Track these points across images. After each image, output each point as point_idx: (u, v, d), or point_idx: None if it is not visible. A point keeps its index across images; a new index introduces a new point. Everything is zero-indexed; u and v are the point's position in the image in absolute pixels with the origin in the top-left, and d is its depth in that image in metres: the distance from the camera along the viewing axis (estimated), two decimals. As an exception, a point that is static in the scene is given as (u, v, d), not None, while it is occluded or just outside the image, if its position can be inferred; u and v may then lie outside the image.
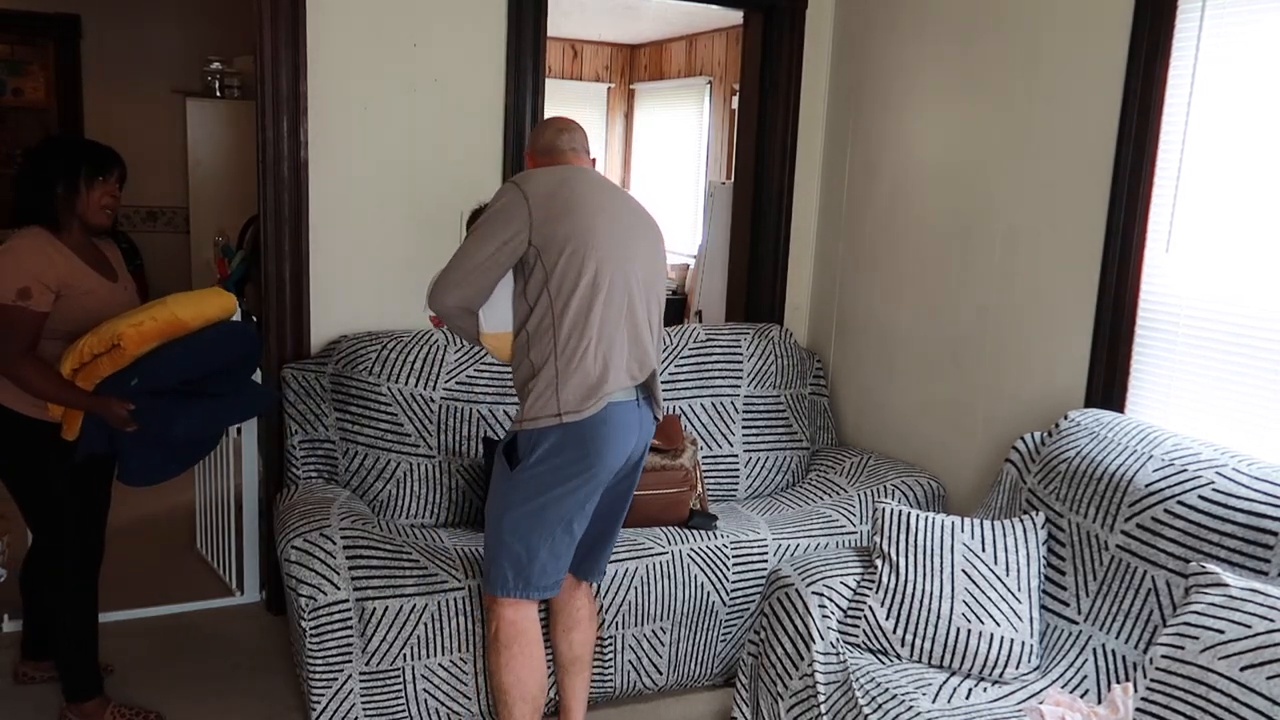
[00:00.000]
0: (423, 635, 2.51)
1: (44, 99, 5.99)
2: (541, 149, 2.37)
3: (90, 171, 2.41)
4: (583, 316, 2.14)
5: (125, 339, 2.32)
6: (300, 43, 2.99)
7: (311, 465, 2.97)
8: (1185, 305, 2.52)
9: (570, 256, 2.14)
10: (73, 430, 2.39)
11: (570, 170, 2.28)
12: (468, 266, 2.17)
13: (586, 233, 2.15)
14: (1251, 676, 1.69)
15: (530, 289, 2.17)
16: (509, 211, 2.16)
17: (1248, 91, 2.35)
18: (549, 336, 2.14)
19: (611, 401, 2.16)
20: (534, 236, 2.14)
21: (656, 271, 2.34)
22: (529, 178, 2.21)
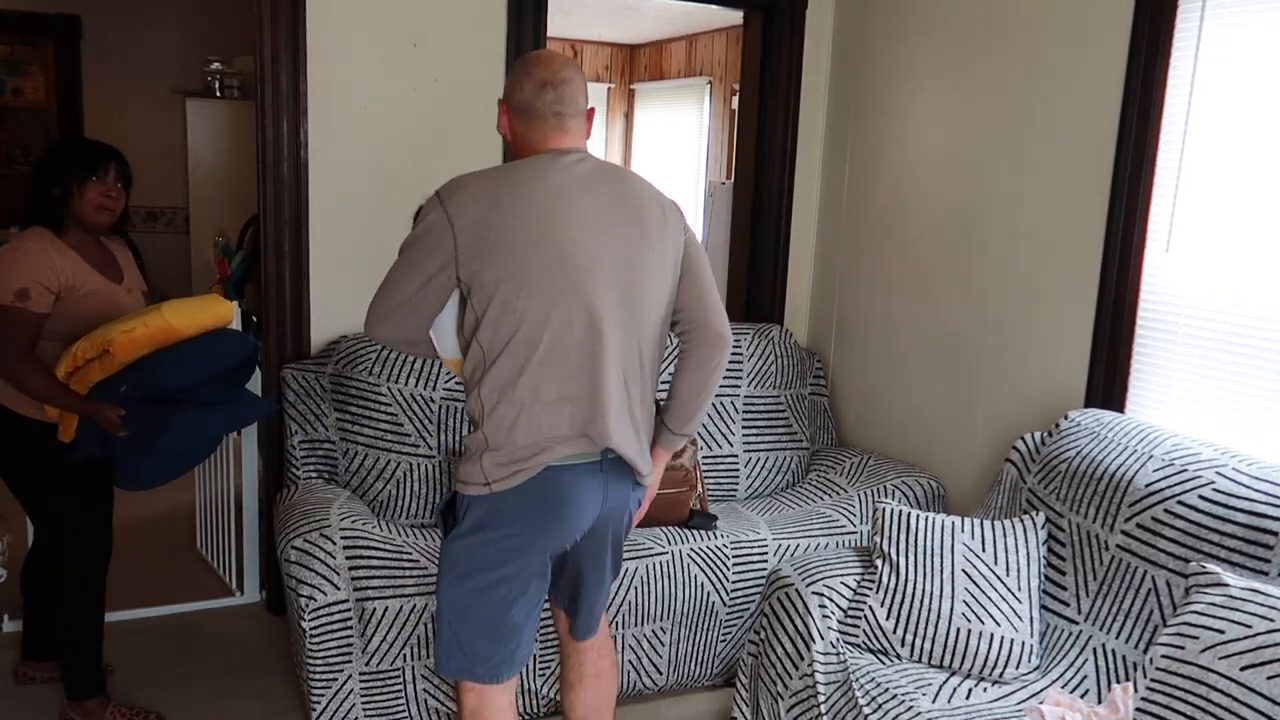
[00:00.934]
0: (423, 635, 2.51)
1: (44, 99, 6.00)
2: (518, 106, 1.90)
3: (84, 171, 2.40)
4: (511, 380, 1.77)
5: (115, 345, 2.31)
6: (300, 43, 2.99)
7: (311, 465, 2.97)
8: (1185, 305, 2.52)
9: (502, 304, 1.76)
10: (69, 432, 2.39)
11: (523, 169, 1.84)
12: (395, 299, 1.83)
13: (525, 270, 1.76)
14: (1251, 676, 1.69)
15: (465, 326, 1.84)
16: (431, 239, 1.78)
17: (1247, 91, 2.35)
18: (477, 389, 1.81)
19: (552, 465, 1.80)
20: (461, 271, 1.77)
21: (652, 295, 1.89)
22: (459, 189, 1.81)
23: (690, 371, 1.96)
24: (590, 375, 1.81)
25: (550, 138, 1.88)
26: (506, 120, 1.93)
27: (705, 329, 1.95)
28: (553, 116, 1.87)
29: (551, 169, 1.83)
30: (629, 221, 1.86)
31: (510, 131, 1.93)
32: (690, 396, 1.97)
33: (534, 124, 1.88)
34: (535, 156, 1.86)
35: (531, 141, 1.89)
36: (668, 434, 2.01)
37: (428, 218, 1.80)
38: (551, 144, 1.88)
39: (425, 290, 1.81)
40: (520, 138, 1.91)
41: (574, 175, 1.84)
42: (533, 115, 1.88)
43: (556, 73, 1.87)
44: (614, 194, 1.86)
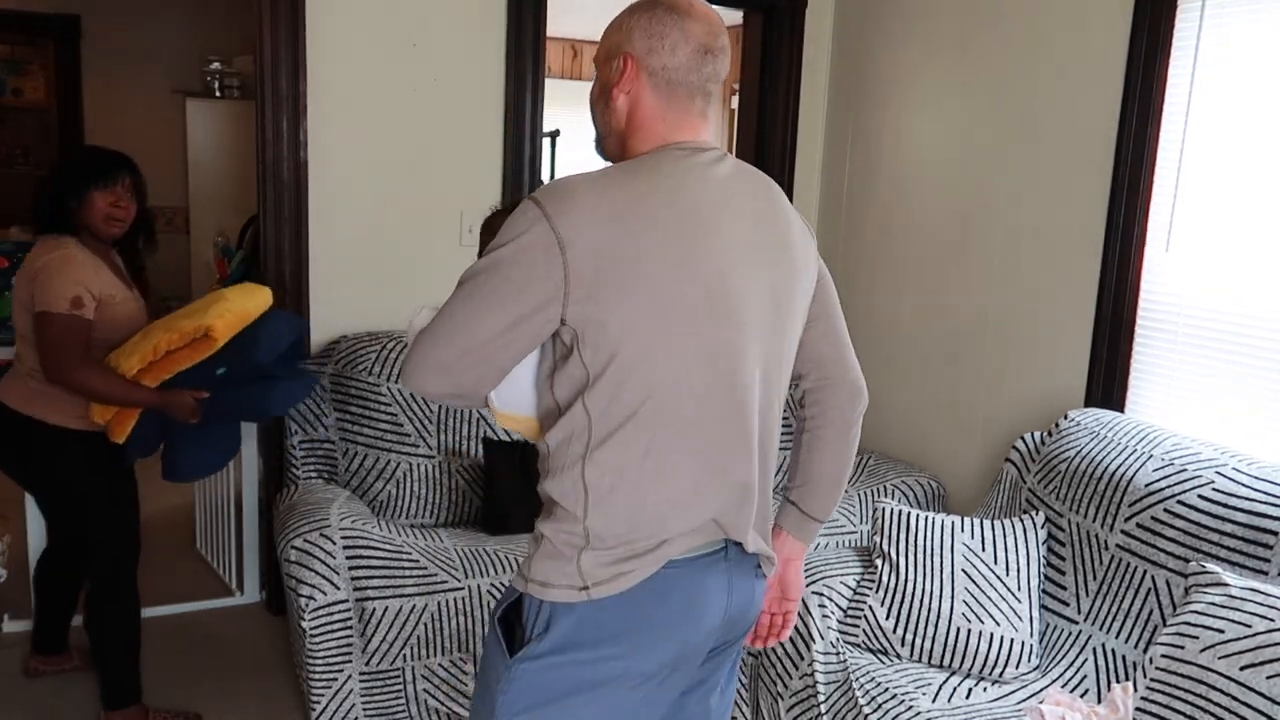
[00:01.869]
0: (423, 635, 2.51)
1: (44, 99, 6.00)
2: (662, 74, 1.38)
3: (94, 180, 2.40)
4: (636, 460, 1.33)
5: (215, 330, 2.38)
6: (300, 43, 2.99)
7: (311, 465, 2.97)
8: (1185, 305, 2.52)
9: (630, 362, 1.30)
10: (123, 432, 2.39)
11: (653, 174, 1.34)
12: (462, 343, 1.30)
13: (666, 317, 1.30)
14: (1251, 676, 1.69)
15: (560, 383, 1.35)
16: (529, 266, 1.27)
17: (1248, 91, 2.35)
18: (578, 468, 1.34)
19: (675, 561, 1.37)
20: (570, 313, 1.28)
21: (793, 346, 1.50)
22: (572, 198, 1.28)
23: (833, 439, 1.57)
24: (732, 452, 1.39)
25: (689, 125, 1.41)
26: (630, 87, 1.39)
27: (844, 383, 1.57)
28: (701, 97, 1.41)
29: (690, 174, 1.35)
30: (777, 249, 1.42)
31: (631, 106, 1.40)
32: (838, 473, 1.59)
33: (677, 103, 1.39)
34: (661, 154, 1.37)
35: (661, 126, 1.40)
36: (810, 523, 1.60)
37: (523, 236, 1.27)
38: (686, 133, 1.40)
39: (511, 334, 1.29)
40: (645, 118, 1.40)
41: (716, 183, 1.37)
42: (680, 90, 1.39)
43: (717, 36, 1.40)
44: (759, 211, 1.42)
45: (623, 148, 1.43)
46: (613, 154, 1.45)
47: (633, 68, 1.38)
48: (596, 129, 1.47)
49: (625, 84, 1.39)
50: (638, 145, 1.40)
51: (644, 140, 1.40)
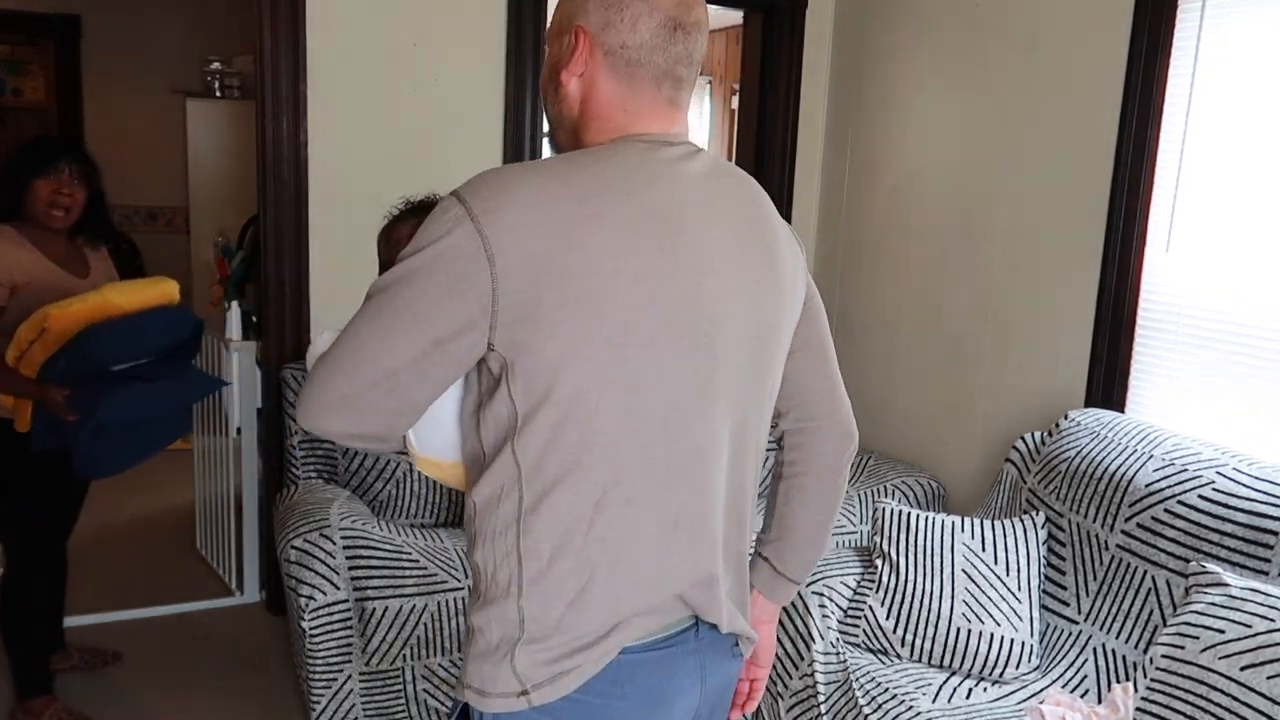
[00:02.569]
0: (423, 635, 2.51)
1: (44, 99, 5.99)
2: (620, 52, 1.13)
3: (33, 169, 2.40)
4: (580, 526, 1.07)
5: (50, 320, 2.29)
6: (300, 43, 2.99)
7: (311, 465, 2.97)
8: (1185, 305, 2.52)
9: (570, 401, 1.04)
10: (24, 421, 2.38)
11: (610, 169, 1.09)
12: (369, 374, 1.05)
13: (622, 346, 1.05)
14: (1251, 676, 1.69)
15: (486, 423, 1.09)
16: (451, 276, 1.02)
17: (1248, 91, 2.35)
18: (511, 533, 1.08)
19: (630, 649, 1.11)
20: (499, 337, 1.04)
21: (776, 379, 1.24)
22: (503, 195, 1.03)
23: (817, 490, 1.33)
24: (699, 513, 1.14)
25: (656, 114, 1.15)
26: (582, 68, 1.14)
27: (832, 425, 1.33)
28: (670, 82, 1.14)
29: (655, 169, 1.10)
30: (762, 264, 1.17)
31: (585, 91, 1.15)
32: (820, 528, 1.35)
33: (640, 89, 1.13)
34: (620, 144, 1.12)
35: (621, 116, 1.14)
36: (784, 584, 1.37)
37: (442, 240, 1.02)
38: (653, 124, 1.14)
39: (427, 361, 1.04)
40: (601, 105, 1.14)
41: (687, 182, 1.12)
42: (643, 73, 1.13)
43: (691, 8, 1.15)
44: (740, 216, 1.17)
45: (576, 141, 1.18)
46: (566, 148, 1.20)
47: (585, 44, 1.13)
48: (548, 118, 1.22)
49: (576, 64, 1.14)
50: (594, 138, 1.15)
51: (600, 132, 1.15)
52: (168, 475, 4.13)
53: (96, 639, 2.98)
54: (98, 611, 3.16)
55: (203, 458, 3.61)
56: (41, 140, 2.53)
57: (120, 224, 5.80)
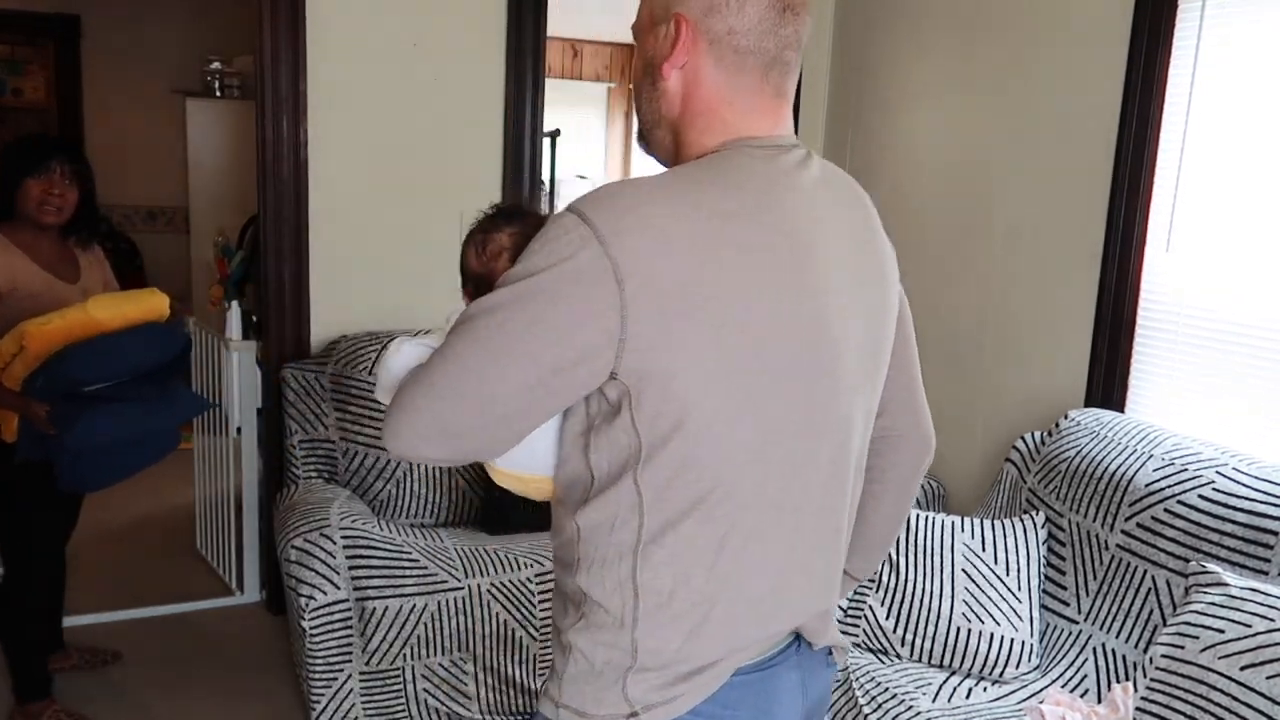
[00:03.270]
0: (423, 635, 2.51)
1: (44, 99, 6.00)
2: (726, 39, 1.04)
3: (25, 169, 2.38)
4: (706, 559, 1.03)
5: (28, 337, 2.27)
6: (300, 43, 2.99)
7: (311, 465, 2.97)
8: (1185, 305, 2.52)
9: (701, 434, 0.99)
10: (10, 431, 2.37)
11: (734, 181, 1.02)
12: (477, 402, 0.98)
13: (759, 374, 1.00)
14: (1251, 676, 1.69)
15: (599, 448, 1.03)
16: (576, 300, 0.95)
17: (1248, 91, 2.35)
18: (627, 564, 1.03)
19: (743, 669, 1.09)
20: (623, 365, 0.97)
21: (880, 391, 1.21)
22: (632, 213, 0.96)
23: (893, 500, 1.32)
24: (822, 543, 1.13)
25: (764, 109, 1.07)
26: (685, 59, 1.06)
27: (914, 436, 1.31)
28: (779, 69, 1.06)
29: (777, 182, 1.04)
30: (875, 281, 1.14)
31: (687, 85, 1.07)
32: (890, 533, 1.35)
33: (747, 80, 1.05)
34: (735, 154, 1.04)
35: (728, 112, 1.06)
36: (849, 581, 1.36)
37: (566, 262, 0.95)
38: (762, 121, 1.07)
39: (542, 390, 0.98)
40: (707, 100, 1.06)
41: (807, 195, 1.06)
42: (751, 61, 1.05)
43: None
44: (854, 229, 1.12)
45: (678, 141, 1.10)
46: (663, 150, 1.14)
47: (688, 33, 1.04)
48: (641, 118, 1.14)
49: (679, 55, 1.05)
50: (698, 138, 1.07)
51: (706, 131, 1.07)
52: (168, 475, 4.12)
53: (96, 639, 2.98)
54: (98, 611, 3.16)
55: (203, 458, 3.61)
56: (32, 139, 2.51)
57: (120, 224, 5.82)
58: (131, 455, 2.54)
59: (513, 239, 1.14)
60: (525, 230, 1.13)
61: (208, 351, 3.47)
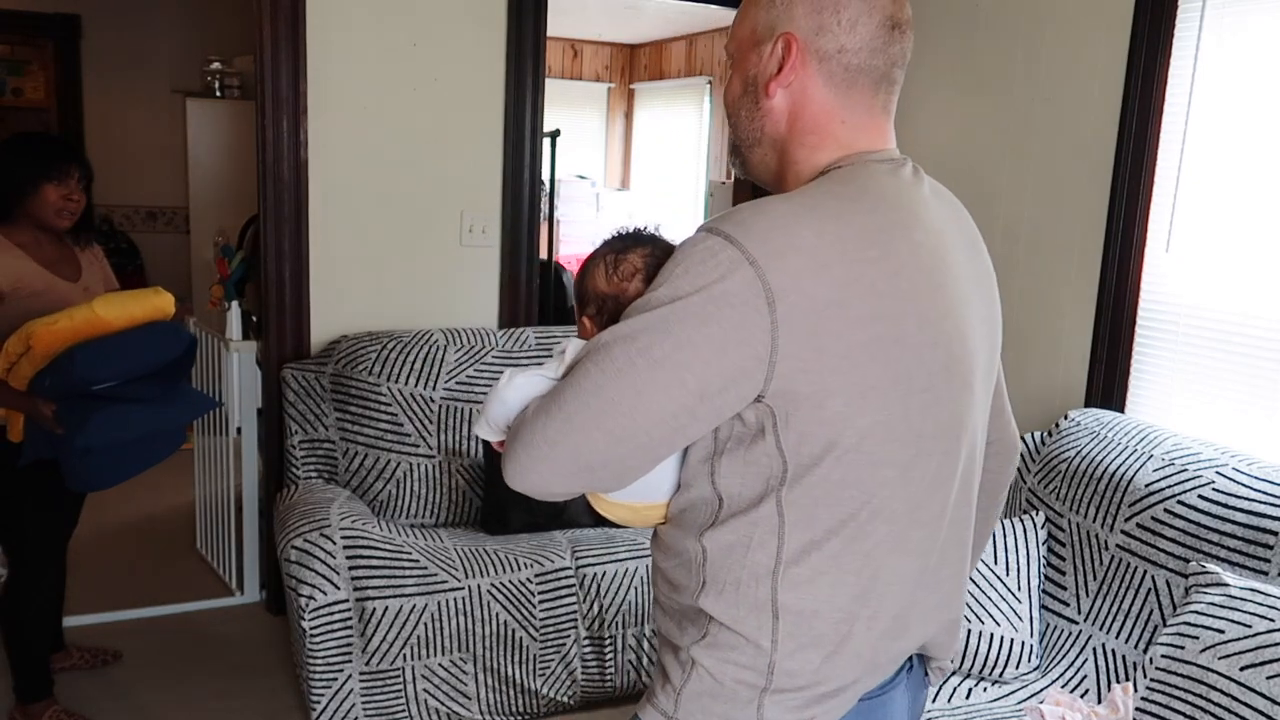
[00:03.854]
0: (423, 635, 2.51)
1: (44, 99, 6.00)
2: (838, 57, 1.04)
3: (45, 173, 2.38)
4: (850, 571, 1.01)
5: (35, 337, 2.27)
6: (300, 43, 2.99)
7: (311, 465, 2.97)
8: (1185, 305, 2.52)
9: (851, 452, 0.97)
10: (16, 431, 2.37)
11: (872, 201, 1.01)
12: (617, 433, 0.95)
13: (906, 394, 0.99)
14: (1251, 676, 1.69)
15: (732, 471, 1.01)
16: (727, 324, 0.92)
17: (1248, 91, 2.36)
18: (766, 586, 1.00)
19: (868, 695, 1.08)
20: (772, 388, 0.95)
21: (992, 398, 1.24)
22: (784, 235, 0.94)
23: (985, 500, 1.29)
24: (954, 557, 1.13)
25: (874, 126, 1.08)
26: (793, 78, 1.05)
27: (1002, 444, 1.31)
28: (886, 86, 1.07)
29: (912, 200, 1.04)
30: (987, 292, 1.15)
31: (795, 104, 1.06)
32: (980, 538, 1.33)
33: (858, 94, 1.05)
34: (870, 172, 1.04)
35: (841, 130, 1.06)
36: None
37: (716, 285, 0.92)
38: (873, 137, 1.07)
39: (688, 417, 0.95)
40: (817, 119, 1.06)
41: (933, 211, 1.06)
42: (862, 80, 1.05)
43: (904, 5, 1.08)
44: (966, 241, 1.12)
45: (783, 160, 1.09)
46: (764, 169, 1.11)
47: (798, 52, 1.03)
48: (738, 137, 1.11)
49: (787, 75, 1.04)
50: (809, 156, 1.06)
51: (818, 148, 1.06)
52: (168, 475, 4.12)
53: (96, 639, 2.98)
54: (98, 611, 3.16)
55: (203, 458, 3.61)
56: (43, 141, 2.49)
57: (120, 224, 5.82)
58: (138, 454, 2.54)
59: (647, 260, 1.11)
60: (658, 254, 1.11)
61: (208, 351, 3.47)
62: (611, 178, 7.78)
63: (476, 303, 3.32)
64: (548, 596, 2.63)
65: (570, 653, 2.66)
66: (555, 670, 2.64)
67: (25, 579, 2.50)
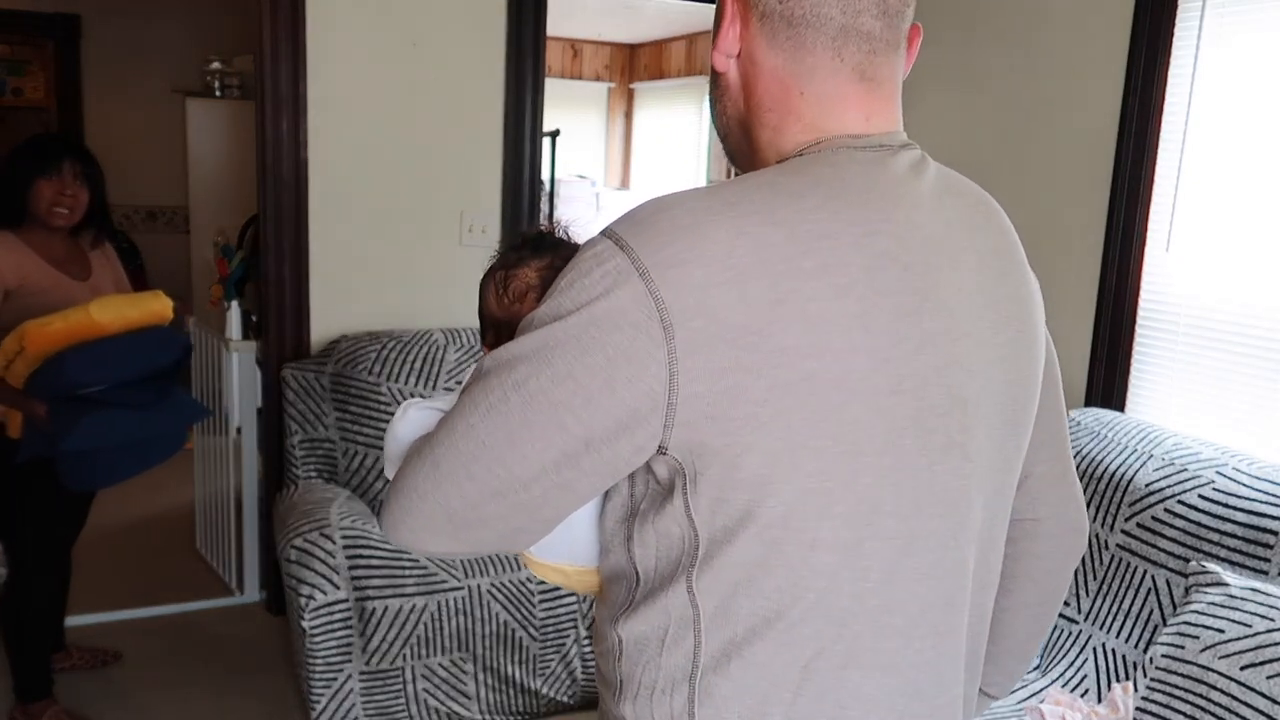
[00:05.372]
0: (423, 635, 2.51)
1: (44, 99, 6.00)
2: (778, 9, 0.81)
3: (35, 170, 2.38)
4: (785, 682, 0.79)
5: (28, 338, 2.26)
6: (300, 43, 2.99)
7: (311, 465, 2.97)
8: (1185, 305, 2.52)
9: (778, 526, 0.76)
10: (15, 427, 2.38)
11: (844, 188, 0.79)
12: (488, 485, 0.77)
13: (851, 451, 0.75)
14: (1251, 676, 1.69)
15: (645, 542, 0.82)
16: (611, 351, 0.73)
17: (1248, 91, 2.36)
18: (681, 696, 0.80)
19: None
20: (674, 438, 0.75)
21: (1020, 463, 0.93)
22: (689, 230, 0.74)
23: (1034, 598, 1.05)
24: (938, 674, 0.86)
25: (844, 94, 0.84)
26: (738, 44, 0.85)
27: (1062, 522, 1.04)
28: (855, 42, 0.83)
29: (890, 196, 0.81)
30: (1013, 320, 0.89)
31: (745, 74, 0.86)
32: (1030, 639, 1.08)
33: (809, 55, 0.82)
34: (837, 157, 0.82)
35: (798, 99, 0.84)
36: (983, 699, 1.10)
37: (598, 302, 0.74)
38: (847, 113, 0.84)
39: (572, 471, 0.77)
40: (769, 88, 0.85)
41: (926, 211, 0.84)
42: (810, 35, 0.82)
43: None
44: (984, 253, 0.89)
45: (750, 146, 0.88)
46: (742, 160, 0.90)
47: (734, 10, 0.83)
48: (716, 130, 0.92)
49: (725, 39, 0.84)
50: (772, 138, 0.85)
51: (779, 130, 0.84)
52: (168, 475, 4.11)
53: (96, 639, 2.98)
54: (98, 611, 3.16)
55: (203, 458, 3.61)
56: (41, 139, 2.51)
57: (120, 224, 5.81)
58: (132, 457, 2.54)
59: (542, 275, 0.95)
60: (558, 264, 0.90)
61: (208, 351, 3.47)
62: (611, 177, 7.78)
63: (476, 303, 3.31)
64: (548, 596, 2.63)
65: (570, 653, 2.66)
66: (555, 670, 2.64)
67: (25, 578, 2.50)
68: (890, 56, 0.86)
